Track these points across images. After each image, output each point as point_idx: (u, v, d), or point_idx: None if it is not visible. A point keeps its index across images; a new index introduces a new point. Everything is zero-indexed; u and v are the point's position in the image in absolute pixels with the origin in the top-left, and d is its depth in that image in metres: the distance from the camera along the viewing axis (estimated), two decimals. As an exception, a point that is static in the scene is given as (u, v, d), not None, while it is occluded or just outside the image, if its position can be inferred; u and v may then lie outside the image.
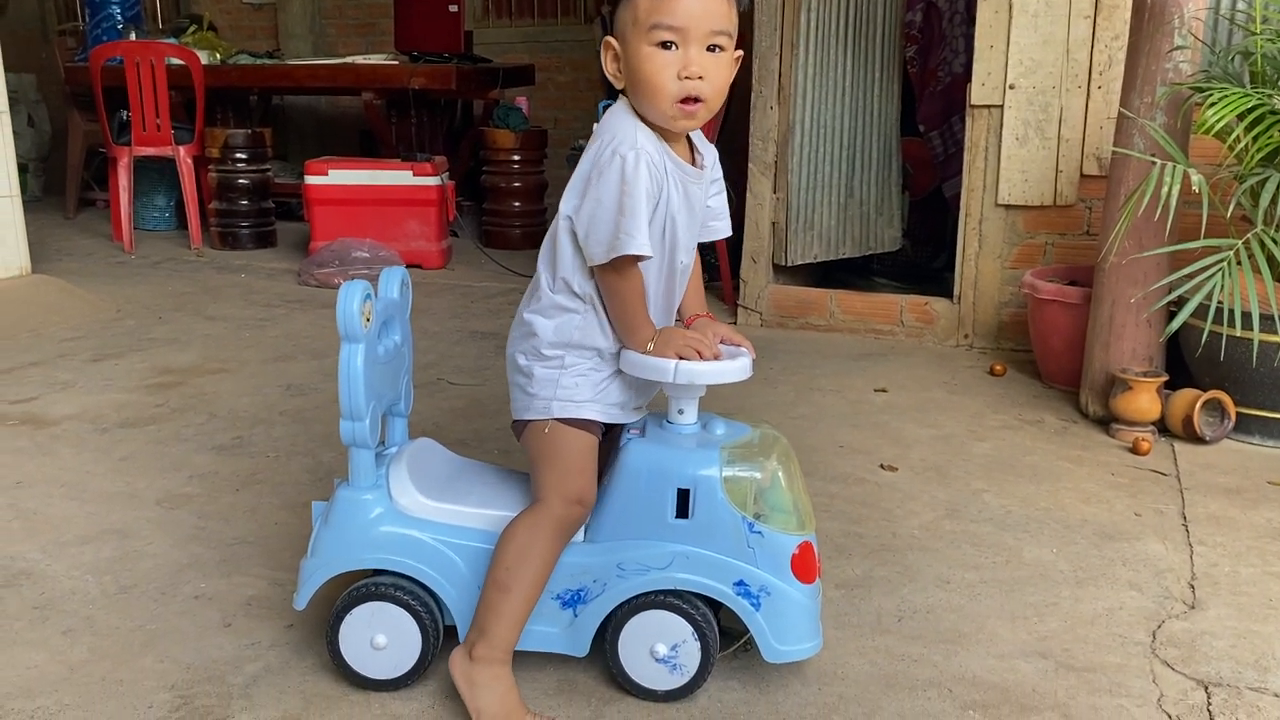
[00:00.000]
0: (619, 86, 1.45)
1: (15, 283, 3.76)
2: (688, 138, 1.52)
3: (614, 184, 1.38)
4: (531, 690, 1.50)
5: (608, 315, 1.47)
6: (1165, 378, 2.58)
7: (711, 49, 1.39)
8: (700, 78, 1.38)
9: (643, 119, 1.43)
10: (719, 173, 1.59)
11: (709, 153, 1.55)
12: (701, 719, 1.46)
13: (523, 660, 1.53)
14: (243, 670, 1.56)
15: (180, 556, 1.92)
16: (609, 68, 1.45)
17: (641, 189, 1.38)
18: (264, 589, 1.80)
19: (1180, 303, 2.39)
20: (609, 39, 1.44)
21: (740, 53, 1.47)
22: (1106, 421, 2.64)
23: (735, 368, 1.47)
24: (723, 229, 1.63)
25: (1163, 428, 2.58)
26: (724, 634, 1.53)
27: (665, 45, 1.38)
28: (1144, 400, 2.53)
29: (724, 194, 1.61)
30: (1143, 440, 2.48)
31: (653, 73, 1.38)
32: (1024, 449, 2.51)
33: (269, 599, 1.76)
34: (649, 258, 1.41)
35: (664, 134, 1.45)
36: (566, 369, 1.48)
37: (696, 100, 1.39)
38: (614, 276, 1.42)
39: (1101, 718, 1.47)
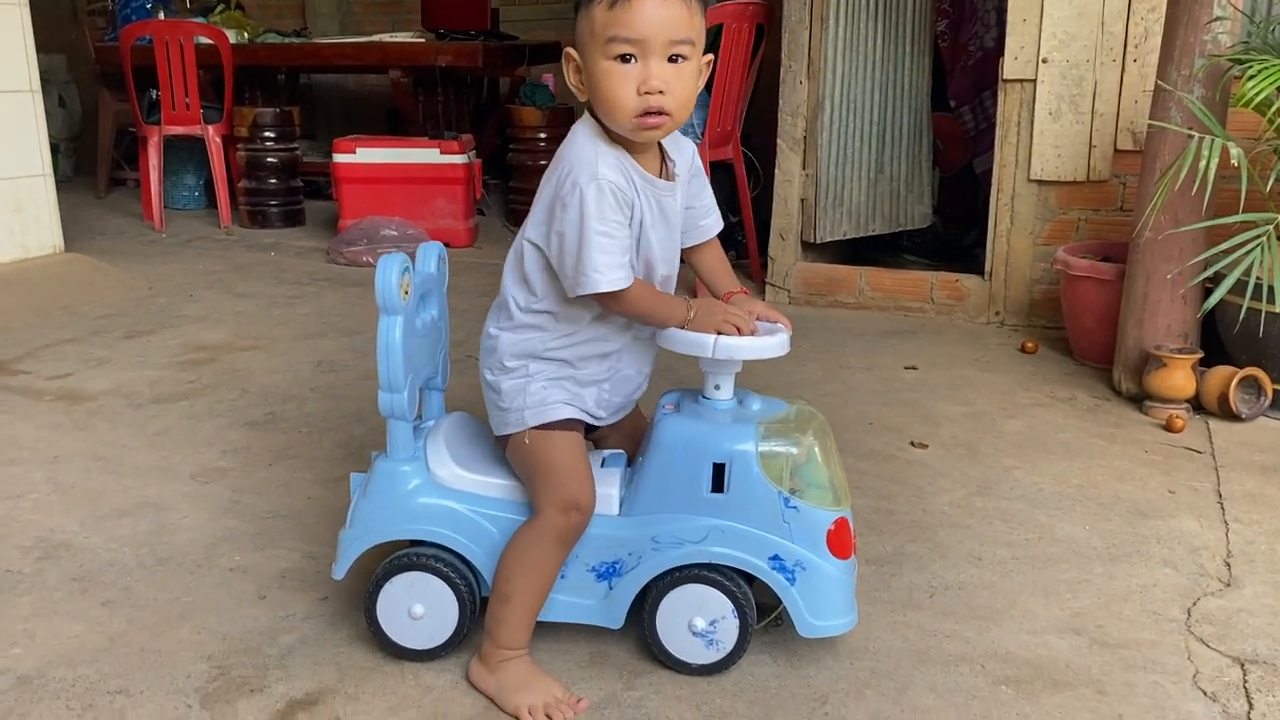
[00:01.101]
0: (582, 99, 1.41)
1: (49, 261, 3.80)
2: (659, 145, 1.47)
3: (575, 219, 1.35)
4: (564, 663, 1.51)
5: (578, 332, 1.46)
6: (1200, 354, 2.55)
7: (674, 59, 1.34)
8: (661, 91, 1.33)
9: (608, 131, 1.40)
10: (699, 167, 1.55)
11: (682, 155, 1.51)
12: (734, 691, 1.46)
13: (555, 633, 1.54)
14: (278, 641, 1.58)
15: (215, 530, 1.94)
16: (571, 80, 1.41)
17: (608, 220, 1.35)
18: (298, 562, 1.81)
19: (1217, 279, 2.36)
20: (569, 50, 1.41)
21: (710, 57, 1.43)
22: (1140, 399, 2.61)
23: (774, 343, 1.46)
24: (713, 226, 1.59)
25: (1197, 405, 2.55)
26: (756, 607, 1.53)
27: (624, 58, 1.33)
28: (1179, 377, 2.50)
29: (709, 189, 1.58)
30: (1177, 417, 2.45)
31: (611, 88, 1.34)
32: (1056, 426, 2.49)
33: (303, 572, 1.78)
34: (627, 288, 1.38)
35: (631, 146, 1.41)
36: (533, 376, 1.47)
37: (659, 114, 1.35)
38: (607, 300, 1.41)
39: (1136, 694, 1.46)
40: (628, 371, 1.54)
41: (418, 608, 1.49)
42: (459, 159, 4.50)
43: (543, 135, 4.98)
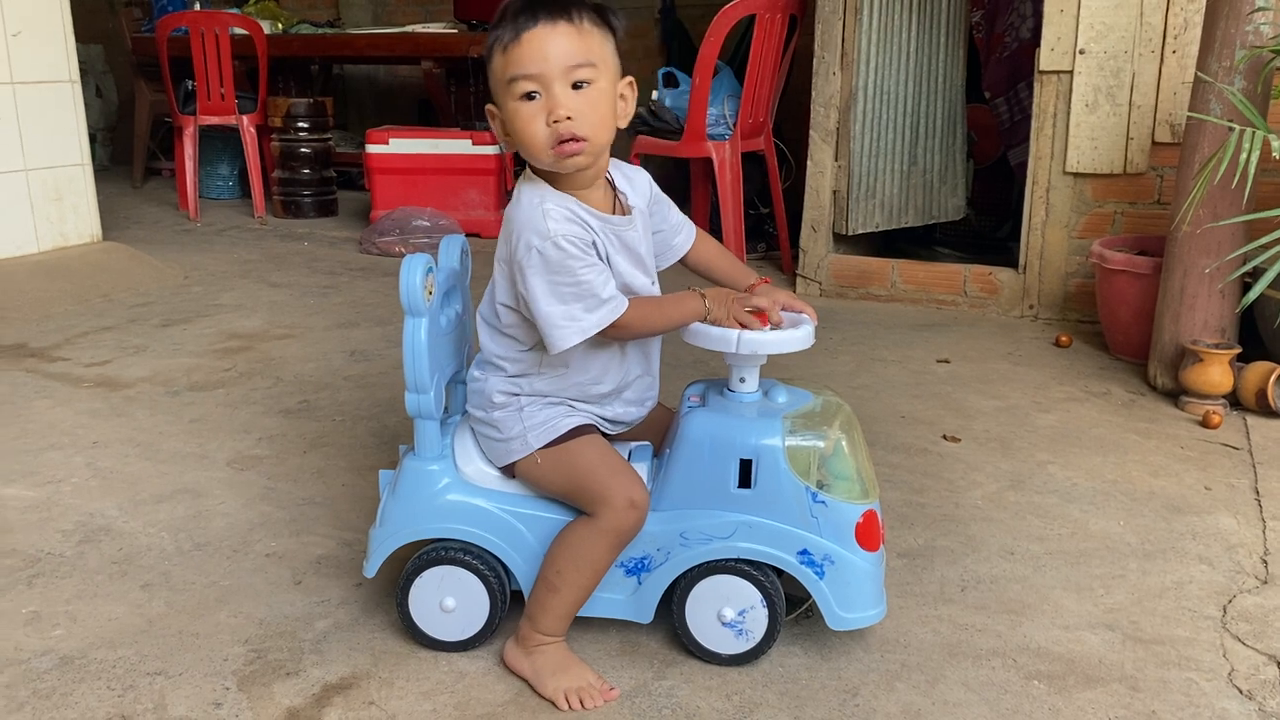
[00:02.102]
0: (510, 150, 1.42)
1: (87, 249, 3.85)
2: (609, 181, 1.48)
3: (537, 281, 1.36)
4: (595, 652, 1.52)
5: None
6: (1238, 350, 2.52)
7: (577, 85, 1.35)
8: (569, 118, 1.34)
9: (551, 182, 1.41)
10: (660, 194, 1.56)
11: (636, 187, 1.51)
12: (764, 682, 1.46)
13: (586, 625, 1.54)
14: (314, 626, 1.60)
15: (251, 516, 1.96)
16: (498, 133, 1.42)
17: (572, 270, 1.35)
18: (333, 548, 1.83)
19: (1256, 273, 2.33)
20: (490, 107, 1.42)
21: (630, 79, 1.42)
22: (1176, 394, 2.58)
23: (799, 336, 1.46)
24: (685, 241, 1.59)
25: (1234, 401, 2.52)
26: (786, 599, 1.54)
27: (529, 96, 1.35)
28: (1216, 373, 2.48)
29: (673, 208, 1.59)
30: (1214, 413, 2.43)
31: (523, 127, 1.36)
32: (1090, 421, 2.47)
33: (338, 558, 1.80)
34: (606, 327, 1.38)
35: (575, 188, 1.42)
36: (524, 407, 1.48)
37: (573, 140, 1.35)
38: (609, 333, 1.41)
39: (1170, 691, 1.45)
40: (632, 391, 1.54)
41: (449, 600, 1.50)
42: (491, 150, 4.52)
43: (574, 126, 4.97)
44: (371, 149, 4.59)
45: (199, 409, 2.51)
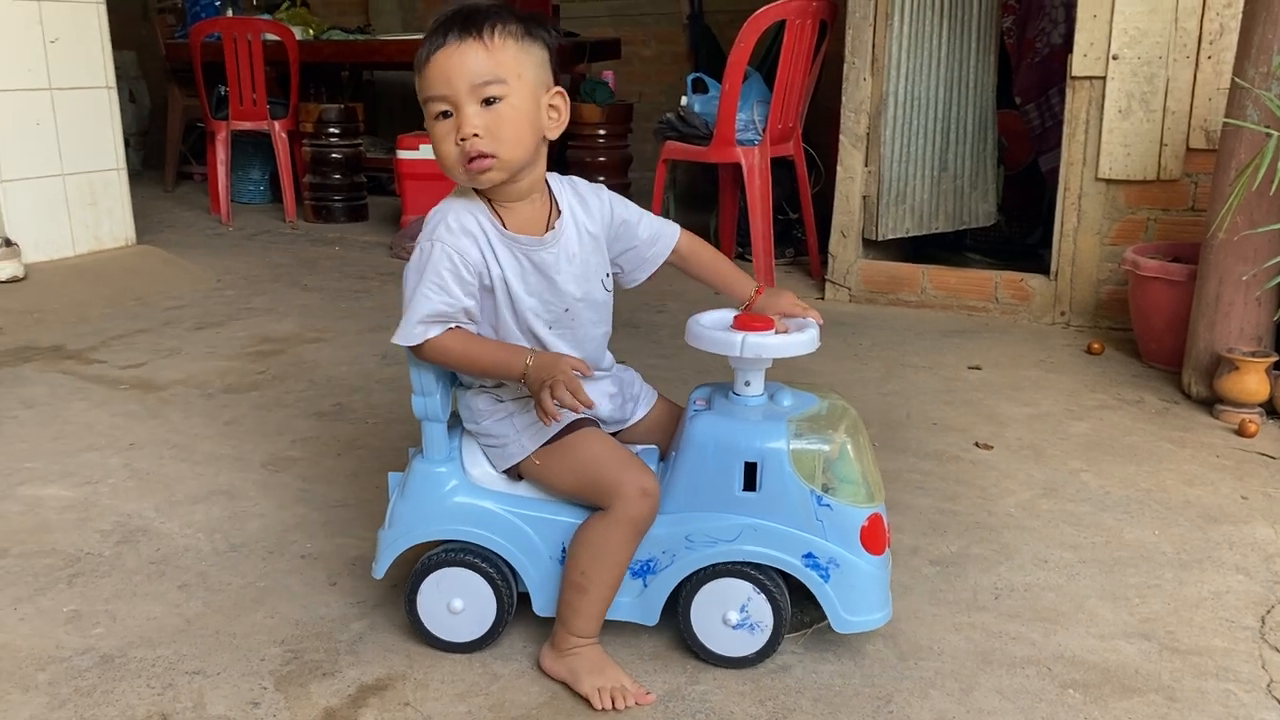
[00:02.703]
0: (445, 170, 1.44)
1: (122, 253, 3.91)
2: (549, 194, 1.49)
3: (409, 276, 1.42)
4: (628, 656, 1.52)
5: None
6: (1275, 358, 2.49)
7: (490, 101, 1.36)
8: (477, 134, 1.35)
9: (479, 192, 1.44)
10: (623, 216, 1.54)
11: (588, 206, 1.50)
12: (797, 689, 1.46)
13: (618, 628, 1.55)
14: (349, 628, 1.61)
15: (286, 517, 1.98)
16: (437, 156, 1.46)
17: (425, 279, 1.39)
18: (367, 550, 1.84)
19: (1293, 280, 2.31)
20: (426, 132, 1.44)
21: (560, 90, 1.43)
22: (1210, 403, 2.56)
23: (803, 340, 1.47)
24: (663, 251, 1.58)
25: (1271, 410, 2.50)
26: (796, 618, 1.55)
27: (443, 115, 1.38)
28: (1252, 381, 2.45)
29: (643, 220, 1.56)
30: (1250, 422, 2.40)
31: (437, 146, 1.40)
32: (1123, 429, 2.45)
33: (372, 560, 1.80)
34: (419, 343, 1.41)
35: (501, 201, 1.44)
36: (513, 413, 1.49)
37: (481, 157, 1.37)
38: (414, 353, 1.44)
39: (1208, 702, 1.44)
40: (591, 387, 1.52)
41: (456, 602, 1.52)
42: (520, 155, 4.52)
43: (602, 132, 5.00)
44: (402, 154, 4.62)
45: (233, 411, 2.53)
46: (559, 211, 1.50)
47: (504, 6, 1.40)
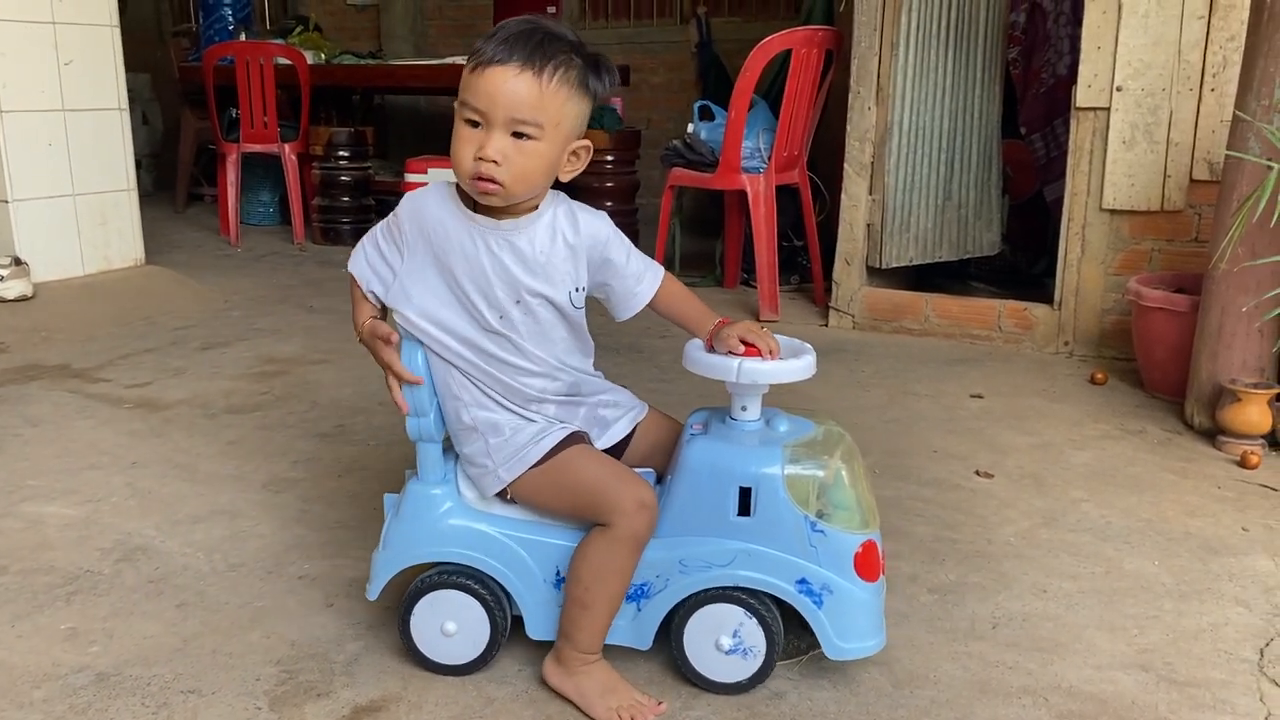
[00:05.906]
0: None
1: (131, 273, 3.93)
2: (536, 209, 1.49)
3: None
4: (626, 678, 1.52)
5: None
6: (1277, 389, 2.49)
7: (518, 135, 1.37)
8: (495, 161, 1.36)
9: None
10: (608, 257, 1.51)
11: (578, 227, 1.49)
12: (791, 716, 1.46)
13: (611, 654, 1.54)
14: (345, 649, 1.61)
15: (286, 538, 1.99)
16: None
17: (387, 225, 1.51)
18: (365, 571, 1.83)
19: (1295, 312, 2.31)
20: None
21: (587, 143, 1.45)
22: (1213, 434, 2.56)
23: (800, 366, 1.47)
24: (647, 291, 1.54)
25: (1273, 441, 2.49)
26: (790, 645, 1.55)
27: (473, 123, 1.38)
28: (1254, 412, 2.45)
29: (631, 257, 1.53)
30: (1251, 454, 2.40)
31: (456, 146, 1.40)
32: (1125, 459, 2.45)
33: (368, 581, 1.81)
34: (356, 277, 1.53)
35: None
36: (488, 438, 1.49)
37: (490, 181, 1.38)
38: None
39: (1205, 734, 1.43)
40: (555, 406, 1.53)
41: (450, 625, 1.52)
42: (527, 180, 4.55)
43: (610, 157, 5.02)
44: (411, 178, 4.64)
45: (236, 431, 2.54)
46: (547, 223, 1.49)
47: (578, 46, 1.41)
